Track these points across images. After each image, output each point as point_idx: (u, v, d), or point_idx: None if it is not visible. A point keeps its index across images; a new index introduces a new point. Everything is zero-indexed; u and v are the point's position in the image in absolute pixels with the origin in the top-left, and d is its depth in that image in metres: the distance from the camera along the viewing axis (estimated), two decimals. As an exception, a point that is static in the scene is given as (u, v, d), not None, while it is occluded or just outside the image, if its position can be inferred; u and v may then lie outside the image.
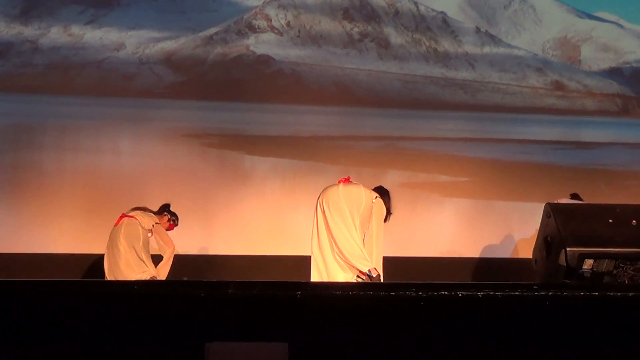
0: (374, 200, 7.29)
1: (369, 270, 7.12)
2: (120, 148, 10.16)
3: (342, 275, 7.18)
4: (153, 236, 8.58)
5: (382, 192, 7.35)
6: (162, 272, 8.58)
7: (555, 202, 9.00)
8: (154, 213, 8.52)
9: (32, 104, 10.54)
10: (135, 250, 8.40)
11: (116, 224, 8.60)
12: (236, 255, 10.09)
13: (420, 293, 4.01)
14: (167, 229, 8.65)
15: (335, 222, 7.20)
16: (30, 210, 9.73)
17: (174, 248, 8.64)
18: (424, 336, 4.03)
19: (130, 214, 8.51)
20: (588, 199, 9.11)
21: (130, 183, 10.06)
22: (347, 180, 7.38)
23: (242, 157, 10.59)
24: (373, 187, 7.39)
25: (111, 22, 11.02)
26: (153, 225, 8.52)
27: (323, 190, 7.39)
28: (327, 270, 7.24)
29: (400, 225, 10.20)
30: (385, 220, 7.28)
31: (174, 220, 8.67)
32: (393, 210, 7.32)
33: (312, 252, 7.33)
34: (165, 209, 8.66)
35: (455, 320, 4.07)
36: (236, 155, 10.62)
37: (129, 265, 8.44)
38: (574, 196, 9.21)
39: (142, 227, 8.41)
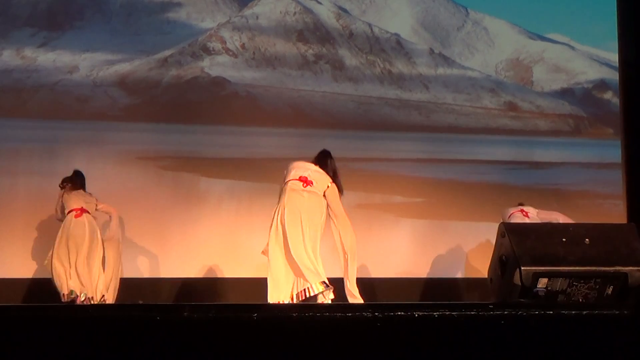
0: (329, 185, 7.50)
1: (313, 285, 7.19)
2: (75, 171, 10.07)
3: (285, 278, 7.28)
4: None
5: (329, 169, 7.58)
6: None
7: (508, 214, 9.09)
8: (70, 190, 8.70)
9: (-16, 127, 10.44)
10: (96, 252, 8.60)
11: (78, 216, 8.68)
12: (192, 277, 10.04)
13: (376, 314, 4.01)
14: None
15: (292, 229, 7.29)
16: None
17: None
18: (381, 357, 4.03)
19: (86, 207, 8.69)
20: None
21: (85, 206, 9.97)
22: (307, 183, 7.47)
23: (198, 179, 10.55)
24: (315, 157, 7.60)
25: (64, 44, 10.95)
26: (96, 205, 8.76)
27: (285, 195, 7.44)
28: (276, 272, 7.34)
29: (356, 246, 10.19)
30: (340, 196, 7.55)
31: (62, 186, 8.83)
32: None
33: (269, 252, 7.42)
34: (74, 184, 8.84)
35: (412, 341, 4.08)
36: (191, 177, 10.58)
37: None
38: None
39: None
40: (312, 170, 7.58)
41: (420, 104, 11.54)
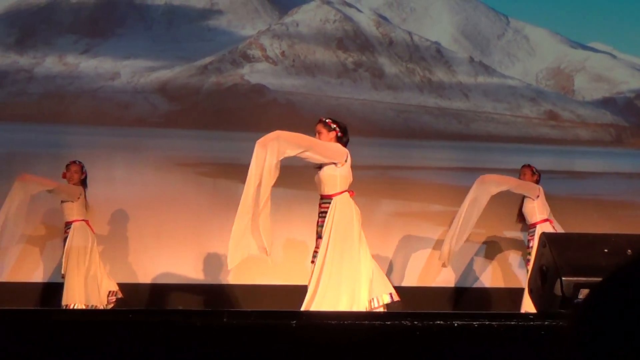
0: None
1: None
2: (115, 177, 10.14)
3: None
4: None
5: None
6: None
7: (535, 219, 8.99)
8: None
9: (26, 132, 10.54)
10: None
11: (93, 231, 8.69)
12: (231, 284, 10.07)
13: (416, 323, 3.99)
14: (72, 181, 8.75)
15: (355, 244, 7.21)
16: (22, 239, 9.68)
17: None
18: (420, 366, 4.01)
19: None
20: (580, 228, 9.10)
21: (124, 212, 10.04)
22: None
23: (236, 186, 10.55)
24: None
25: (106, 51, 11.05)
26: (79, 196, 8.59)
27: (354, 207, 7.37)
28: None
29: (394, 254, 10.21)
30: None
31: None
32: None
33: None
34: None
35: (450, 350, 4.06)
36: (230, 184, 10.60)
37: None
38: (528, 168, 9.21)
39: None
40: None
41: (460, 113, 11.50)
